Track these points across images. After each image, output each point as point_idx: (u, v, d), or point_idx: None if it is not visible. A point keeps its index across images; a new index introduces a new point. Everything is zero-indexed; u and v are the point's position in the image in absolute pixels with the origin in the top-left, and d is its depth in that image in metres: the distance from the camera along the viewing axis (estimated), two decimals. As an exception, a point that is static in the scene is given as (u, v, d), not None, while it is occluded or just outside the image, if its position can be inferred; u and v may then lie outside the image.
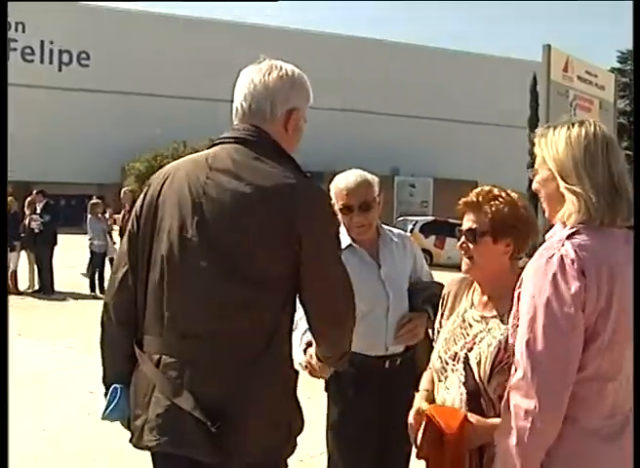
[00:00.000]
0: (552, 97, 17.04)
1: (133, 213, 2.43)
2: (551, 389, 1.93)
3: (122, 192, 15.25)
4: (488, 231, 2.48)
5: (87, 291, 14.45)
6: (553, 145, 2.09)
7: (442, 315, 2.71)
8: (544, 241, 2.09)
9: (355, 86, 50.92)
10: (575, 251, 1.96)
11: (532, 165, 2.19)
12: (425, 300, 3.37)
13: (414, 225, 26.33)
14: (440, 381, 2.55)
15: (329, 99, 38.59)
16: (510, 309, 2.22)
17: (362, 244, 3.42)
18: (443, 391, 2.53)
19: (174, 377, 2.19)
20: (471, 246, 2.53)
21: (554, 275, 1.94)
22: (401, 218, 28.38)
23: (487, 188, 2.58)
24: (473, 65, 55.05)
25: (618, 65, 41.42)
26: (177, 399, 2.17)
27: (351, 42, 53.25)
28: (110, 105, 45.40)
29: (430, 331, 3.21)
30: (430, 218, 29.06)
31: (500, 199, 2.53)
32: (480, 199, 2.53)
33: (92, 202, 15.52)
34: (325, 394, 3.46)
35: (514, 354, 2.07)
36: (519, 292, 2.09)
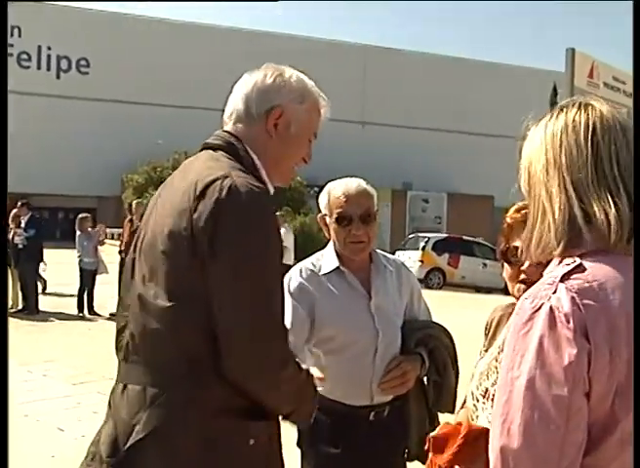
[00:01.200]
0: (577, 106, 15.85)
1: None
2: None
3: (134, 204, 14.57)
4: None
5: (75, 311, 13.94)
6: (529, 142, 1.67)
7: (483, 345, 2.51)
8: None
9: (370, 97, 50.84)
10: (572, 299, 1.43)
11: None
12: (420, 342, 3.09)
13: (426, 242, 26.27)
14: (472, 421, 2.28)
15: (342, 111, 37.44)
16: None
17: (351, 268, 3.07)
18: None
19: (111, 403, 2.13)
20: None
21: (540, 339, 1.44)
22: (412, 235, 28.12)
23: None
24: (491, 76, 55.11)
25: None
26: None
27: (365, 51, 52.93)
28: (110, 115, 45.24)
29: (426, 378, 3.11)
30: (444, 235, 29.76)
31: None
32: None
33: (80, 216, 14.98)
34: (298, 450, 3.11)
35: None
36: (501, 359, 1.61)
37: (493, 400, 2.11)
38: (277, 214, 2.09)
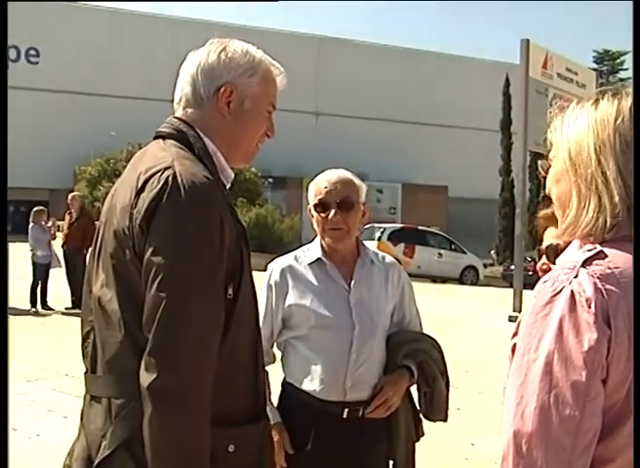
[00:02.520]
0: (531, 96, 16.00)
1: None
2: None
3: (70, 197, 14.34)
4: None
5: (28, 306, 13.50)
6: (571, 124, 1.59)
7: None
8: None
9: (324, 88, 50.93)
10: (594, 284, 1.41)
11: (506, 169, 0.84)
12: (408, 355, 3.04)
13: (382, 233, 26.00)
14: None
15: (296, 102, 37.47)
16: None
17: (335, 259, 3.06)
18: None
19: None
20: (552, 266, 2.14)
21: (560, 322, 1.41)
22: (368, 225, 27.86)
23: None
24: (443, 67, 55.32)
25: (594, 65, 40.55)
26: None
27: (324, 43, 52.76)
28: (61, 106, 44.76)
29: (417, 391, 3.11)
30: (399, 226, 29.64)
31: None
32: None
33: (35, 209, 14.54)
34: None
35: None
36: (514, 344, 1.55)
37: None
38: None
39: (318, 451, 2.91)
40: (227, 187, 2.10)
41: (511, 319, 14.38)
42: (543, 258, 2.36)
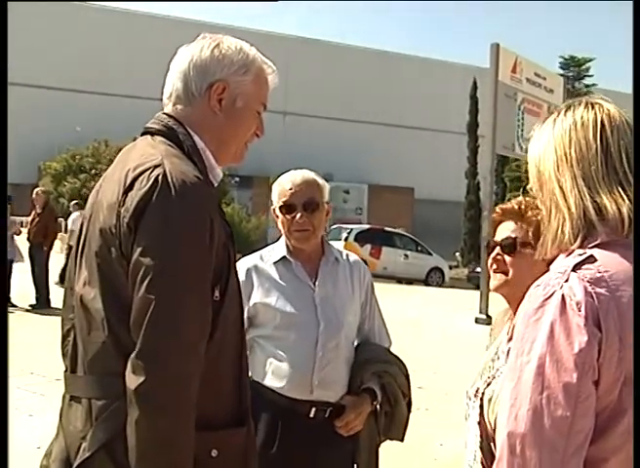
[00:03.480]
0: (500, 100, 16.13)
1: None
2: None
3: (34, 192, 14.20)
4: (530, 242, 2.31)
5: None
6: (534, 144, 1.71)
7: (486, 347, 2.54)
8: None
9: (291, 88, 50.90)
10: (584, 288, 1.46)
11: (472, 171, 0.87)
12: (374, 375, 3.05)
13: (348, 233, 26.18)
14: (466, 420, 2.38)
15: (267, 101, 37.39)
16: None
17: (300, 257, 3.08)
18: (467, 431, 2.35)
19: None
20: (508, 259, 2.36)
21: (551, 325, 1.46)
22: (335, 226, 27.97)
23: (527, 198, 2.38)
24: (412, 69, 55.60)
25: (560, 71, 40.98)
26: None
27: (293, 43, 52.76)
28: (25, 100, 43.90)
29: (379, 409, 3.09)
30: (366, 226, 29.67)
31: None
32: (523, 207, 2.39)
33: None
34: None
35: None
36: (508, 349, 1.78)
37: (482, 398, 2.24)
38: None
39: (284, 450, 2.91)
40: (215, 186, 2.08)
41: (478, 321, 14.49)
42: (497, 249, 2.37)
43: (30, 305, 12.95)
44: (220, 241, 1.87)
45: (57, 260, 15.06)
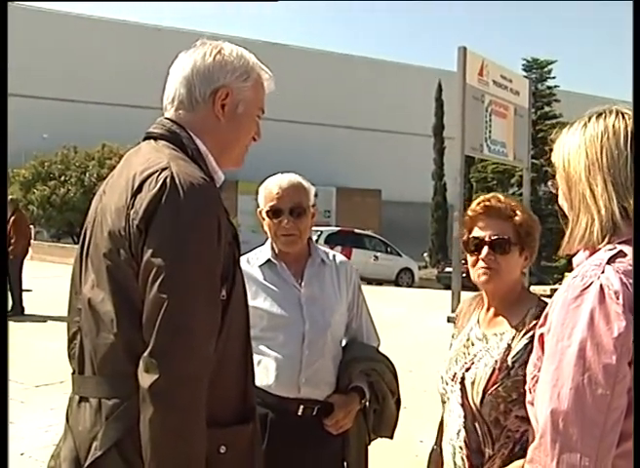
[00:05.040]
0: (468, 102, 16.24)
1: None
2: None
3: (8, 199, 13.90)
4: (517, 242, 2.48)
5: None
6: (564, 147, 1.83)
7: (452, 335, 2.72)
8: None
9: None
10: (620, 279, 1.62)
11: (438, 173, 1.01)
12: (362, 373, 3.10)
13: (319, 236, 26.25)
14: (444, 403, 2.54)
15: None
16: (517, 328, 2.37)
17: (286, 259, 3.12)
18: (446, 414, 2.53)
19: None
20: (498, 257, 2.46)
21: (591, 312, 1.60)
22: None
23: (499, 195, 2.56)
24: (378, 73, 55.67)
25: (523, 73, 41.33)
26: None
27: (259, 48, 52.05)
28: (-10, 107, 42.95)
29: (368, 407, 3.14)
30: (336, 229, 29.86)
31: (519, 206, 2.54)
32: (502, 205, 2.49)
33: None
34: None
35: (526, 407, 1.87)
36: (541, 334, 1.78)
37: (462, 383, 2.41)
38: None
39: (274, 448, 2.89)
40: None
41: (450, 319, 14.56)
42: (486, 248, 2.46)
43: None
44: (227, 241, 1.92)
45: (31, 267, 14.89)
